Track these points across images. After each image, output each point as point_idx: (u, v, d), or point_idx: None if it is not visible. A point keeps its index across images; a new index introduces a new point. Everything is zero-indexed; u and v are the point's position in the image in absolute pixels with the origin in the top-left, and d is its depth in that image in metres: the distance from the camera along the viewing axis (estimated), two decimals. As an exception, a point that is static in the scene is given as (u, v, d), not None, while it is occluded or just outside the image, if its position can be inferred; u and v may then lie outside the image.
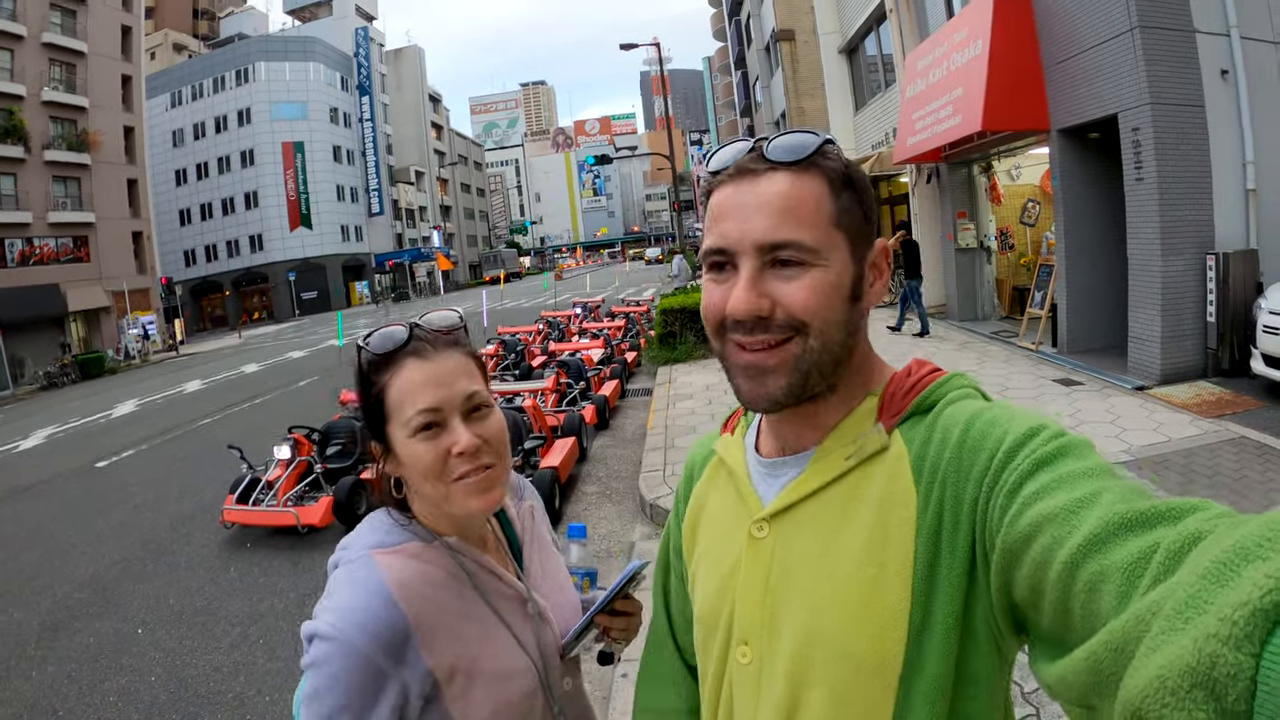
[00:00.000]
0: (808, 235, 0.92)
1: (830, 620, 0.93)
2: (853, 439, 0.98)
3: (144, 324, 38.98)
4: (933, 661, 0.88)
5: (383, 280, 69.94)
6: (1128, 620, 0.57)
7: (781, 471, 1.04)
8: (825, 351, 0.94)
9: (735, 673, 1.05)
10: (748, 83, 43.62)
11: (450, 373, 1.23)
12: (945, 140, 11.60)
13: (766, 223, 0.92)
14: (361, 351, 1.27)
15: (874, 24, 18.25)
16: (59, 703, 5.07)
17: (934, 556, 0.88)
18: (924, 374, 1.00)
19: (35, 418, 20.95)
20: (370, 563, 1.20)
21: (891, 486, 0.92)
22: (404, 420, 1.21)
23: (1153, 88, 8.03)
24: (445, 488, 1.21)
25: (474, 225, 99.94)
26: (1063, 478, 0.76)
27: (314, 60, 64.95)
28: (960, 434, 0.89)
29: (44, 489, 11.39)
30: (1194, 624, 0.49)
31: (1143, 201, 8.37)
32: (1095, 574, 0.65)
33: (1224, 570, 0.50)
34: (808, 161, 0.95)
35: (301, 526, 7.37)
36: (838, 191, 0.96)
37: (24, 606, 6.81)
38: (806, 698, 0.95)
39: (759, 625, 1.01)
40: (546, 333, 17.17)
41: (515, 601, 1.32)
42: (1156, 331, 8.31)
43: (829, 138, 0.98)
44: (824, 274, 0.93)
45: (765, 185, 0.94)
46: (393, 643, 1.13)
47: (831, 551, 0.95)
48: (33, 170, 35.34)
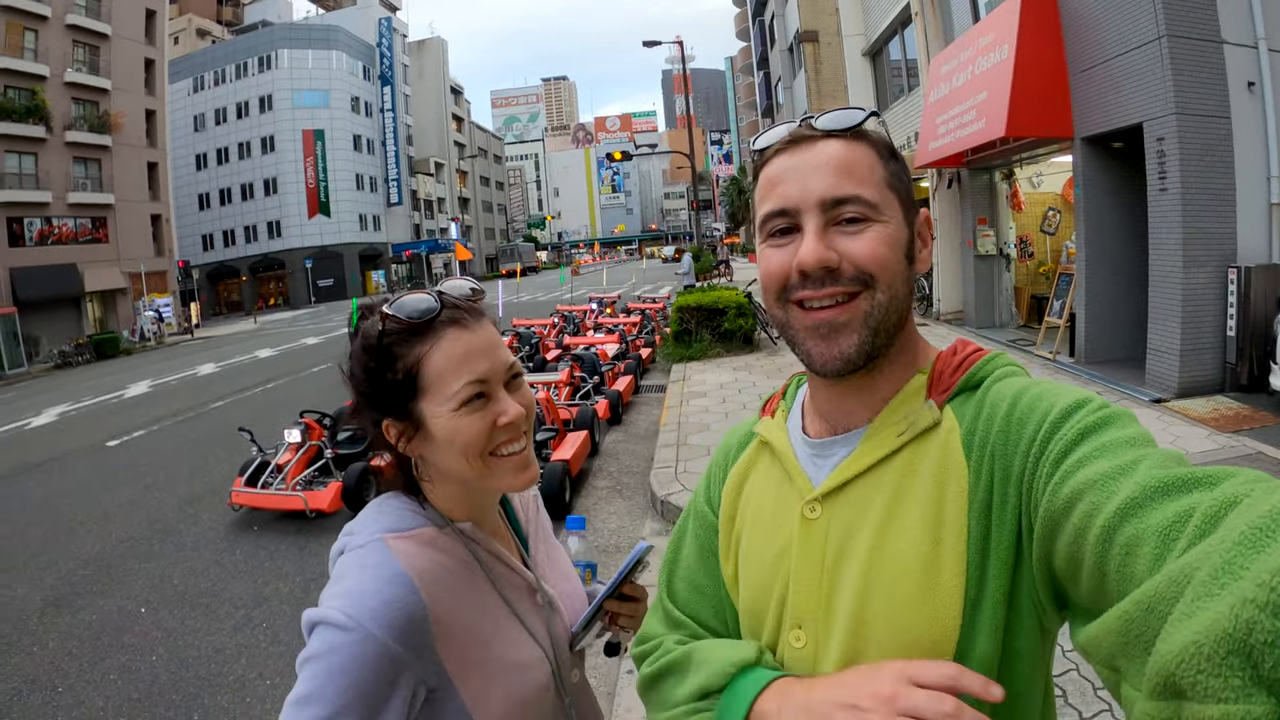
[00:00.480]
0: (868, 191, 0.96)
1: (888, 599, 0.92)
2: (904, 415, 0.98)
3: (160, 306, 39.28)
4: (983, 638, 0.88)
5: (399, 270, 70.24)
6: (1161, 580, 0.57)
7: (832, 451, 1.04)
8: (892, 306, 0.96)
9: (789, 657, 1.02)
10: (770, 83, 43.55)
11: (491, 343, 1.20)
12: (968, 145, 11.54)
13: (828, 180, 0.96)
14: (387, 320, 1.16)
15: (899, 27, 18.17)
16: (59, 679, 5.10)
17: (986, 531, 0.89)
18: (969, 352, 1.02)
19: (48, 395, 21.15)
20: (384, 547, 1.12)
21: (945, 461, 0.93)
22: (449, 393, 1.14)
23: (1179, 98, 7.96)
24: (485, 464, 1.17)
25: (492, 218, 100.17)
26: (1104, 446, 0.77)
27: (337, 49, 65.17)
28: (1008, 408, 0.91)
29: (54, 465, 11.48)
30: (1230, 589, 0.49)
31: (1165, 212, 8.30)
32: (1131, 537, 0.65)
33: (1260, 536, 0.51)
34: (857, 130, 0.99)
35: (309, 511, 7.40)
36: (886, 159, 1.00)
37: (28, 582, 6.86)
38: None
39: (815, 607, 0.99)
40: (561, 327, 17.20)
41: (524, 591, 1.28)
42: (1175, 344, 8.23)
43: (874, 110, 1.00)
44: (885, 229, 0.96)
45: (820, 149, 0.98)
46: (410, 632, 1.05)
47: (888, 528, 0.94)
48: (54, 150, 35.68)
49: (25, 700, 4.85)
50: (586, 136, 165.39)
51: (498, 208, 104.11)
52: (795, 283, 0.97)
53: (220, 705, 4.59)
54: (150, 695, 4.78)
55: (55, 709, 4.72)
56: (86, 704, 4.74)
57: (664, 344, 15.31)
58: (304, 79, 63.44)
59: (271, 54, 63.27)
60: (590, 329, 16.68)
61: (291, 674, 4.06)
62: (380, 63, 70.44)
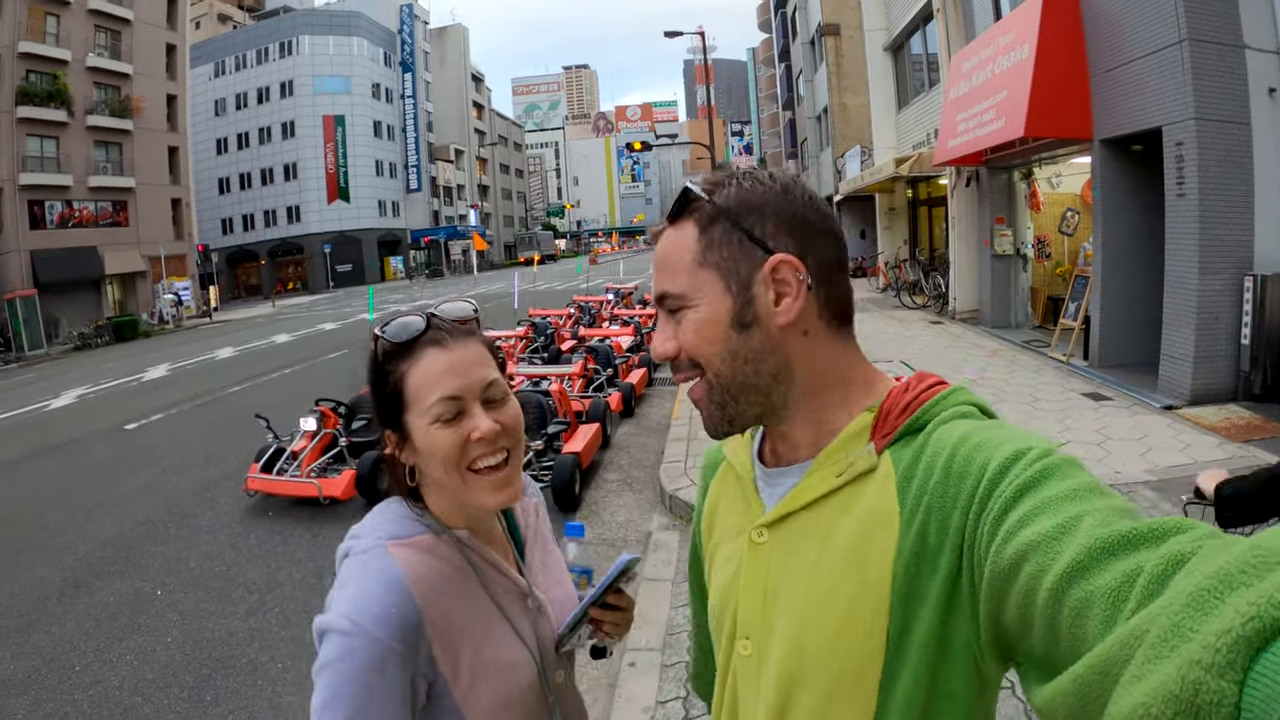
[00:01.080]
0: (674, 283, 1.01)
1: (816, 627, 0.96)
2: (844, 456, 0.99)
3: (179, 289, 39.56)
4: (907, 677, 0.90)
5: (417, 256, 70.40)
6: (1112, 644, 0.58)
7: (780, 480, 1.07)
8: (731, 380, 1.00)
9: (738, 664, 1.10)
10: (791, 76, 43.39)
11: (468, 361, 1.26)
12: (987, 144, 11.48)
13: (655, 279, 1.05)
14: (378, 341, 1.29)
15: (920, 23, 18.07)
16: (76, 658, 5.21)
17: (913, 578, 0.90)
18: (922, 389, 1.00)
19: (68, 377, 21.36)
20: (385, 554, 1.21)
21: (876, 507, 0.94)
22: (424, 408, 1.22)
23: (1198, 103, 7.90)
24: (462, 478, 1.23)
25: (511, 206, 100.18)
26: (1045, 502, 0.76)
27: (358, 35, 65.24)
28: (947, 459, 0.90)
29: (74, 448, 11.64)
30: (1179, 651, 0.50)
31: (1182, 218, 8.25)
32: (1080, 600, 0.65)
33: (1207, 597, 0.51)
34: (681, 214, 1.03)
35: (324, 498, 7.46)
36: (705, 228, 1.00)
37: (48, 563, 6.99)
38: (798, 694, 0.99)
39: (757, 624, 1.05)
40: (578, 317, 17.17)
41: (516, 595, 1.35)
42: (1189, 351, 8.19)
43: (693, 181, 1.03)
44: (694, 313, 1.00)
45: (659, 246, 1.06)
46: (407, 635, 1.14)
47: (820, 563, 0.98)
48: (75, 134, 36.05)
49: (43, 678, 4.96)
50: (607, 125, 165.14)
51: (517, 195, 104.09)
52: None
53: (232, 687, 4.68)
54: (164, 676, 4.88)
55: (72, 687, 4.83)
56: (103, 683, 4.85)
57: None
58: (325, 65, 63.58)
59: (293, 39, 63.42)
60: (606, 320, 16.70)
61: (303, 657, 4.19)
62: (401, 49, 70.42)
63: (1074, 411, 8.31)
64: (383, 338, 1.28)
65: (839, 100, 31.10)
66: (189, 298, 40.76)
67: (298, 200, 62.93)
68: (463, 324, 1.32)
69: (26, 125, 34.02)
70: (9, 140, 33.46)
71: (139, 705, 4.57)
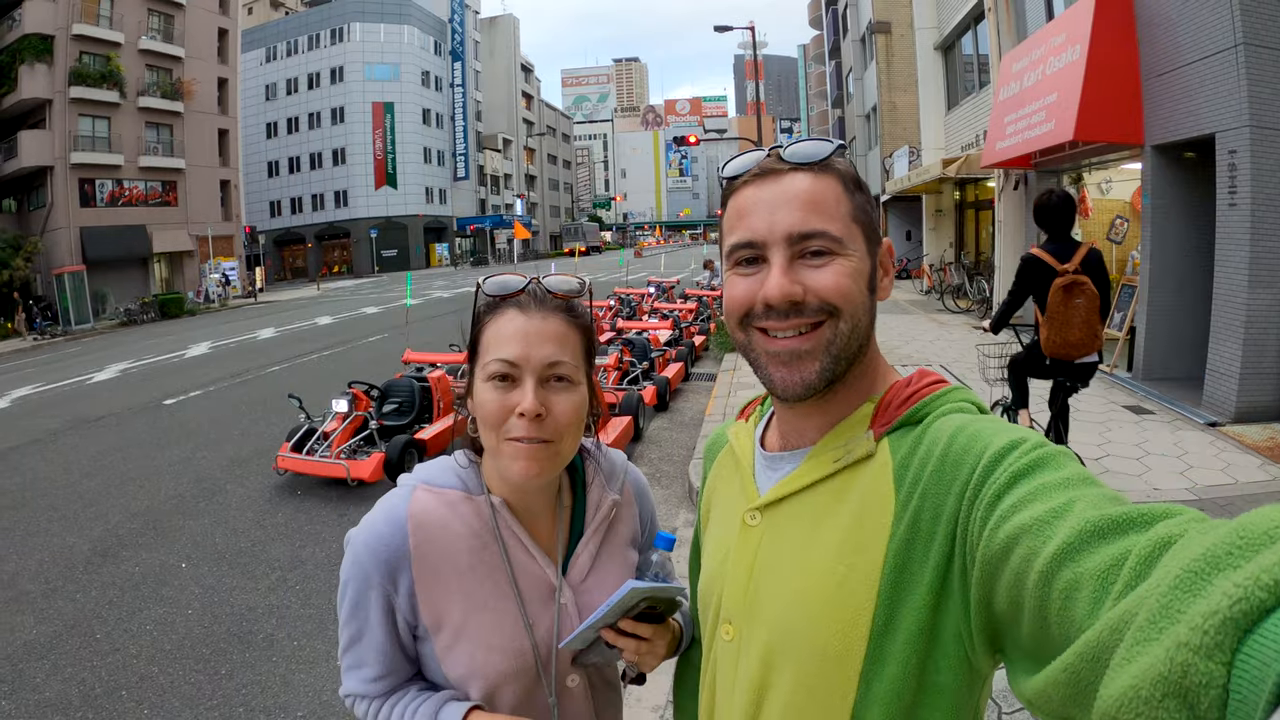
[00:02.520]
0: (833, 226, 0.99)
1: (801, 610, 0.98)
2: (844, 442, 1.02)
3: (225, 270, 40.29)
4: (893, 665, 0.91)
5: (463, 244, 70.95)
6: (1102, 629, 0.58)
7: (779, 465, 1.10)
8: (854, 335, 1.00)
9: (719, 649, 1.12)
10: (840, 74, 43.02)
11: (540, 334, 1.24)
12: (1036, 147, 11.27)
13: (795, 215, 0.99)
14: (479, 289, 1.32)
15: (972, 22, 17.80)
16: (98, 625, 5.31)
17: (903, 565, 0.91)
18: (923, 385, 1.03)
19: (112, 351, 21.85)
20: (407, 493, 1.30)
21: (871, 493, 0.96)
22: (484, 363, 1.25)
23: (1253, 109, 7.65)
24: (497, 442, 1.24)
25: (558, 196, 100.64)
26: (1039, 489, 0.77)
27: (408, 23, 65.82)
28: (944, 448, 0.92)
29: (112, 421, 11.88)
30: (1167, 634, 0.50)
31: (1234, 228, 8.01)
32: (1069, 582, 0.66)
33: (1195, 579, 0.51)
34: (824, 163, 1.02)
35: (351, 479, 7.53)
36: (851, 191, 1.03)
37: (77, 531, 7.14)
38: (776, 679, 1.00)
39: (741, 608, 1.07)
40: (617, 309, 17.22)
41: (542, 584, 1.33)
42: (1236, 366, 7.95)
43: (842, 143, 1.03)
44: (848, 262, 0.99)
45: (789, 183, 1.01)
46: (386, 567, 1.24)
47: (811, 545, 1.00)
48: (127, 115, 36.87)
49: (64, 643, 5.06)
50: (656, 119, 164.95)
51: (564, 186, 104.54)
52: (759, 312, 1.01)
53: (247, 661, 4.74)
54: (182, 648, 4.95)
55: (92, 654, 4.91)
56: (121, 651, 4.93)
57: (718, 332, 15.27)
58: (375, 52, 64.25)
59: (343, 26, 64.16)
60: (646, 313, 16.71)
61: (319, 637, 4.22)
62: (451, 38, 70.99)
63: (1114, 424, 8.12)
64: (482, 288, 1.31)
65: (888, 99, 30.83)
66: (235, 278, 41.43)
67: (345, 185, 63.68)
68: (559, 297, 1.31)
69: (79, 105, 34.78)
70: (61, 119, 34.23)
71: (155, 675, 4.63)
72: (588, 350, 1.32)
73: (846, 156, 1.04)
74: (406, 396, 8.94)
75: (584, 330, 1.31)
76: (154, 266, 38.53)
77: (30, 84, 33.21)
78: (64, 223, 34.19)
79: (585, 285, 1.36)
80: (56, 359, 21.73)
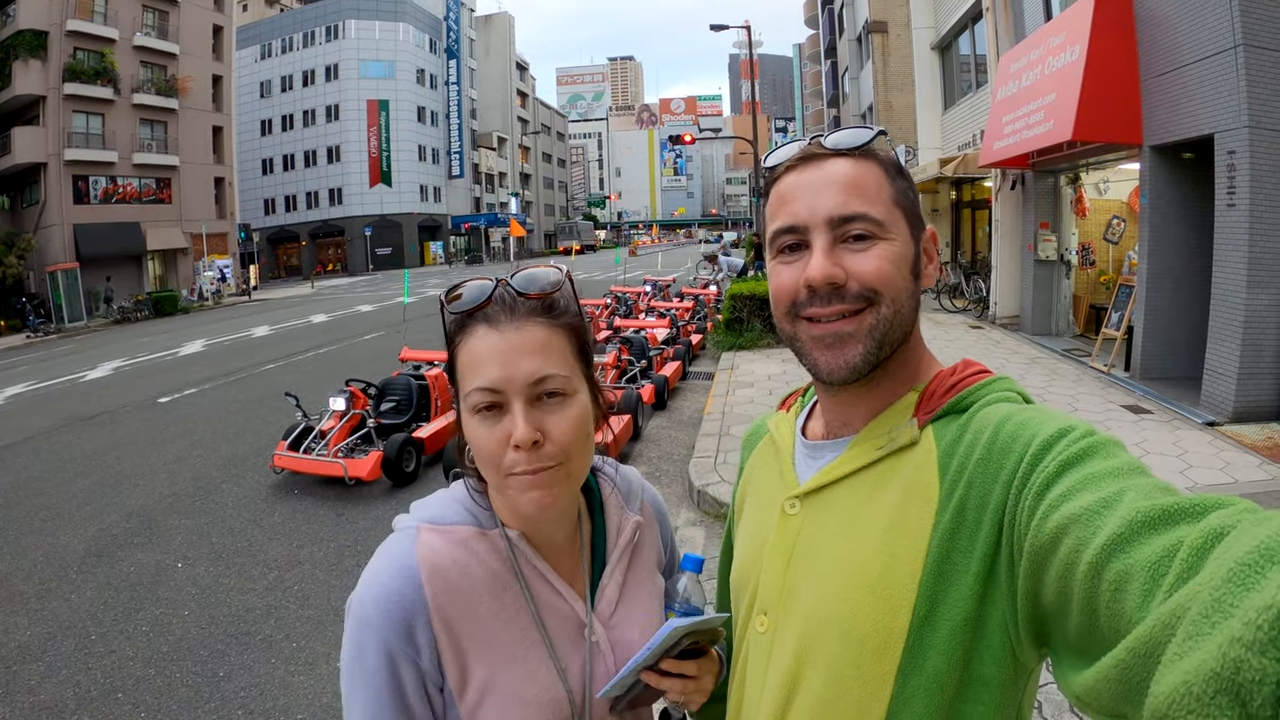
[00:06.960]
0: (875, 209, 0.99)
1: (839, 600, 0.96)
2: (887, 430, 1.01)
3: (220, 267, 40.29)
4: (935, 656, 0.89)
5: (457, 242, 71.01)
6: (1154, 624, 0.57)
7: (821, 454, 1.09)
8: (897, 320, 0.99)
9: (752, 640, 1.10)
10: (836, 73, 42.98)
11: (517, 348, 1.06)
12: (1033, 146, 11.28)
13: (836, 199, 0.98)
14: (443, 307, 1.12)
15: (969, 22, 17.78)
16: (93, 626, 5.27)
17: (947, 554, 0.90)
18: (968, 374, 1.02)
19: (106, 349, 21.80)
20: (411, 537, 1.11)
21: (915, 481, 0.95)
22: (465, 394, 1.08)
23: (1253, 110, 7.65)
24: (500, 479, 1.07)
25: (552, 195, 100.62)
26: (1088, 478, 0.76)
27: (404, 21, 65.84)
28: (990, 436, 0.90)
29: (106, 419, 11.83)
30: (1219, 629, 0.49)
31: (1232, 229, 8.02)
32: (1120, 573, 0.64)
33: (1248, 572, 0.50)
34: (865, 149, 1.02)
35: (349, 479, 7.51)
36: (893, 176, 1.02)
37: (71, 531, 7.10)
38: (809, 673, 0.98)
39: (777, 597, 1.05)
40: (614, 308, 17.24)
41: (571, 622, 1.17)
42: (1234, 366, 7.96)
43: (882, 130, 1.04)
44: (891, 246, 0.99)
45: (829, 167, 1.01)
46: (406, 622, 1.04)
47: (852, 534, 0.98)
48: (121, 112, 36.82)
49: (58, 645, 5.02)
50: (651, 118, 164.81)
51: (559, 185, 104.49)
52: (804, 299, 1.00)
53: (245, 663, 4.70)
54: (179, 649, 4.91)
55: (86, 655, 4.87)
56: (116, 653, 4.89)
57: (715, 331, 15.26)
58: (370, 50, 64.27)
59: (339, 24, 64.21)
60: (643, 312, 16.70)
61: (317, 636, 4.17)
62: (446, 36, 70.99)
63: (1113, 424, 8.13)
64: (446, 306, 1.11)
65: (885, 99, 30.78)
66: (229, 275, 41.43)
67: (340, 183, 63.69)
68: (533, 298, 1.10)
69: (73, 102, 34.67)
70: (55, 116, 34.10)
71: (151, 677, 4.59)
72: (580, 350, 1.14)
73: (889, 144, 1.02)
74: (404, 394, 8.91)
75: (570, 329, 1.12)
76: (148, 264, 38.46)
77: (24, 80, 33.05)
78: (57, 220, 34.08)
79: (564, 274, 1.14)
80: (49, 356, 21.66)
